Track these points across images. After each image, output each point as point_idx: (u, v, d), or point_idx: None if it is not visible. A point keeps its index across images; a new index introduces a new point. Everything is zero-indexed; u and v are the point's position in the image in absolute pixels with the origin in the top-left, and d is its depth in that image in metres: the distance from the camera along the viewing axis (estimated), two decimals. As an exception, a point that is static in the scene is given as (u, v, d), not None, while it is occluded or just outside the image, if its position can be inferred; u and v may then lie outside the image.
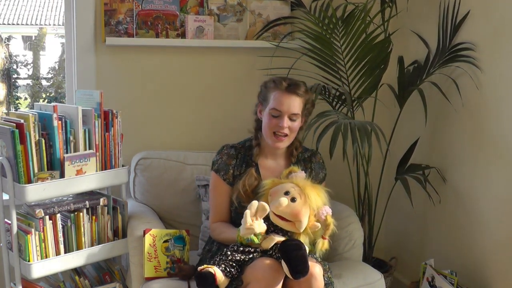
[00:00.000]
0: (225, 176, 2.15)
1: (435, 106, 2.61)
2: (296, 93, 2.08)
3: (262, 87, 2.18)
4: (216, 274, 1.77)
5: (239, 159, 2.17)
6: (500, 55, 2.25)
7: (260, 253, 1.86)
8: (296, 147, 2.21)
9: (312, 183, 1.99)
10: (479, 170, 2.39)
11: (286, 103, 2.07)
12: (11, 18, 5.15)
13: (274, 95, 2.09)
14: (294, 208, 1.85)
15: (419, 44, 2.71)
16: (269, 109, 2.09)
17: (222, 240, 2.09)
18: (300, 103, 2.10)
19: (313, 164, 2.24)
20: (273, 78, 2.16)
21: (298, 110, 2.09)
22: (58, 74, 4.44)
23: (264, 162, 2.19)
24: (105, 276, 2.24)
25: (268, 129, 2.10)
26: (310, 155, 2.25)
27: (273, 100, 2.09)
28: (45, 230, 2.00)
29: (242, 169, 2.16)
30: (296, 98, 2.08)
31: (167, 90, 2.71)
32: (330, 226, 1.89)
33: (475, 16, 2.39)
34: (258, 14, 2.75)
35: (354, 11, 2.46)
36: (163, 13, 2.61)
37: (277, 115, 2.07)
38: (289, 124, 2.08)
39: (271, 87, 2.12)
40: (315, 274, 1.80)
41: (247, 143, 2.23)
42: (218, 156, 2.20)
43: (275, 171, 2.16)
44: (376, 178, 2.71)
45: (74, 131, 2.06)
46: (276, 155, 2.20)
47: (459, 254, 2.52)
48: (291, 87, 2.08)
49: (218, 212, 2.17)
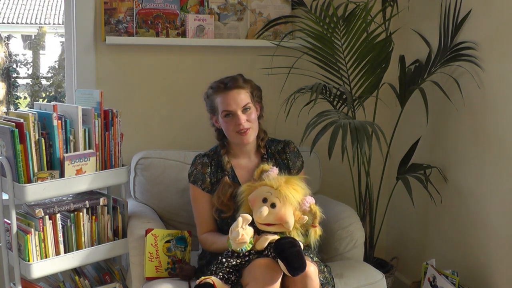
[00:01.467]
0: (203, 186, 2.18)
1: (437, 105, 2.60)
2: (236, 86, 2.11)
3: (206, 99, 2.21)
4: (215, 284, 1.77)
5: (213, 166, 2.21)
6: (502, 54, 2.25)
7: (256, 255, 1.85)
8: (262, 138, 2.23)
9: (287, 176, 1.97)
10: (480, 169, 2.38)
11: (232, 100, 2.09)
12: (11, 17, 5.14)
13: (219, 100, 2.13)
14: (277, 214, 1.86)
15: (420, 43, 2.70)
16: (221, 113, 2.12)
17: (214, 250, 2.09)
18: (246, 93, 2.12)
19: (287, 155, 2.25)
20: (210, 85, 2.19)
21: (247, 100, 2.11)
22: (58, 73, 4.43)
23: (238, 163, 2.21)
24: (105, 276, 2.24)
25: (230, 132, 2.13)
26: (284, 146, 2.27)
27: (220, 104, 2.12)
28: (45, 230, 1.99)
29: (218, 175, 2.18)
30: (238, 91, 2.11)
31: (168, 89, 2.70)
32: (317, 214, 1.90)
33: (476, 15, 2.39)
34: (259, 13, 2.74)
35: (355, 10, 2.45)
36: (163, 12, 2.60)
37: (230, 115, 2.10)
38: (246, 117, 2.10)
39: (212, 94, 2.16)
40: (310, 274, 1.80)
41: (218, 148, 2.25)
42: (193, 167, 2.22)
43: (250, 168, 2.19)
44: (377, 178, 2.70)
45: (74, 130, 2.05)
46: (246, 153, 2.22)
47: (461, 254, 2.51)
48: (229, 84, 2.12)
49: (204, 222, 2.18)
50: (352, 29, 2.46)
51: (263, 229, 1.88)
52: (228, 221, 2.09)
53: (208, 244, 2.14)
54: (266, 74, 2.61)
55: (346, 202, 2.50)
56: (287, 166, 2.22)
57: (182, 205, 2.47)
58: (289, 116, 2.48)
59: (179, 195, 2.47)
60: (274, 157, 2.23)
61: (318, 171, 2.63)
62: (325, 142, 2.21)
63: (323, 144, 2.24)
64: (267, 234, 1.87)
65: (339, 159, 2.25)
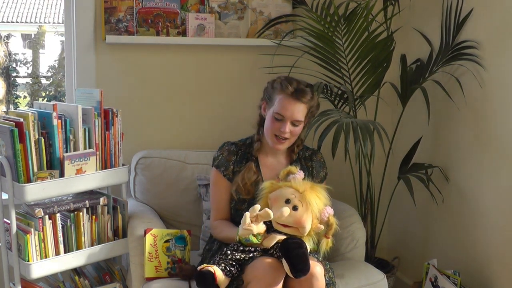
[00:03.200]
0: (225, 172, 2.16)
1: (438, 104, 2.59)
2: (301, 100, 2.07)
3: (269, 86, 2.16)
4: (216, 273, 1.76)
5: (239, 156, 2.19)
6: (504, 53, 2.24)
7: (261, 252, 1.85)
8: (297, 144, 2.21)
9: (312, 183, 1.98)
10: (482, 169, 2.38)
11: (290, 110, 2.06)
12: (10, 16, 5.13)
13: (279, 99, 2.08)
14: (297, 217, 1.86)
15: (422, 42, 2.69)
16: (273, 112, 2.09)
17: (222, 238, 2.09)
18: (304, 109, 2.09)
19: (313, 163, 2.24)
20: (281, 79, 2.13)
21: (302, 117, 2.09)
22: (57, 72, 4.42)
23: (264, 159, 2.20)
24: (105, 276, 2.23)
25: (270, 131, 2.11)
26: (311, 154, 2.25)
27: (277, 104, 2.08)
28: (45, 230, 1.98)
29: (242, 166, 2.16)
30: (300, 105, 2.07)
31: (168, 88, 2.69)
32: (333, 226, 1.89)
33: (478, 14, 2.38)
34: (260, 12, 2.73)
35: (357, 9, 2.45)
36: (163, 11, 2.59)
37: (280, 119, 2.07)
38: (291, 129, 2.08)
39: (277, 89, 2.10)
40: (316, 274, 1.79)
41: (247, 141, 2.24)
42: (219, 152, 2.21)
43: (275, 168, 2.16)
44: (378, 177, 2.70)
45: (74, 130, 2.05)
46: (276, 153, 2.20)
47: (463, 254, 2.50)
48: (297, 93, 2.07)
49: (219, 209, 2.17)
50: (353, 28, 2.45)
51: (279, 229, 1.88)
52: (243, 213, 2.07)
53: (218, 231, 2.13)
54: (267, 73, 2.60)
55: (347, 202, 2.49)
56: (310, 174, 2.20)
57: (182, 205, 2.47)
58: (290, 115, 2.47)
59: (180, 195, 2.46)
60: (300, 162, 2.21)
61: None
62: (327, 141, 2.21)
63: (325, 143, 2.24)
64: (277, 234, 1.87)
65: (341, 159, 2.25)
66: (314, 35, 2.49)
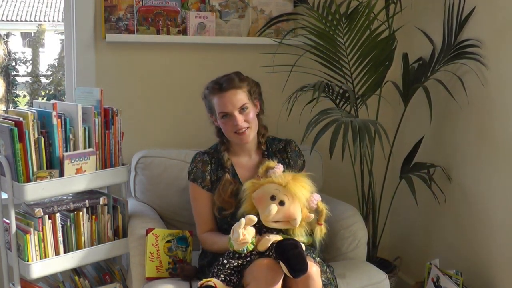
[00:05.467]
0: (203, 184, 2.15)
1: (440, 103, 2.58)
2: (232, 87, 2.07)
3: (203, 99, 2.18)
4: (217, 287, 1.75)
5: (213, 164, 2.18)
6: (506, 52, 2.23)
7: (257, 255, 1.84)
8: (262, 134, 2.20)
9: (293, 173, 1.95)
10: (485, 168, 2.37)
11: (228, 102, 2.06)
12: (10, 14, 5.13)
13: (215, 101, 2.10)
14: (286, 211, 1.84)
15: (424, 41, 2.68)
16: (218, 115, 2.10)
17: (215, 251, 2.07)
18: (242, 93, 2.08)
19: (289, 154, 2.23)
20: (206, 85, 2.15)
21: (244, 101, 2.08)
22: (57, 71, 4.42)
23: (238, 161, 2.19)
24: (105, 276, 2.22)
25: (228, 132, 2.11)
26: (285, 145, 2.25)
27: (216, 106, 2.10)
28: (44, 230, 1.97)
29: (219, 173, 2.16)
30: (235, 92, 2.07)
31: (168, 87, 2.69)
32: (324, 211, 1.89)
33: (480, 13, 2.37)
34: (261, 10, 2.72)
35: (358, 7, 2.44)
36: (164, 10, 2.58)
37: (226, 115, 2.08)
38: (243, 117, 2.07)
39: (209, 95, 2.13)
40: (312, 274, 1.78)
41: (218, 146, 2.23)
42: (193, 165, 2.19)
43: (251, 167, 2.17)
44: (380, 177, 2.69)
45: (74, 129, 2.04)
46: (247, 151, 2.19)
47: (465, 254, 2.50)
48: (224, 84, 2.08)
49: (204, 222, 2.16)
50: (355, 26, 2.45)
51: (269, 226, 1.86)
52: (228, 219, 2.07)
53: (209, 244, 2.12)
54: (268, 72, 2.59)
55: (348, 202, 2.48)
56: (288, 165, 2.19)
57: (183, 205, 2.45)
58: (291, 115, 2.45)
59: (180, 194, 2.45)
60: (275, 155, 2.20)
61: (320, 170, 2.61)
62: (327, 141, 2.19)
63: (325, 143, 2.22)
64: (269, 235, 1.85)
65: (341, 158, 2.24)
66: (315, 34, 2.49)
